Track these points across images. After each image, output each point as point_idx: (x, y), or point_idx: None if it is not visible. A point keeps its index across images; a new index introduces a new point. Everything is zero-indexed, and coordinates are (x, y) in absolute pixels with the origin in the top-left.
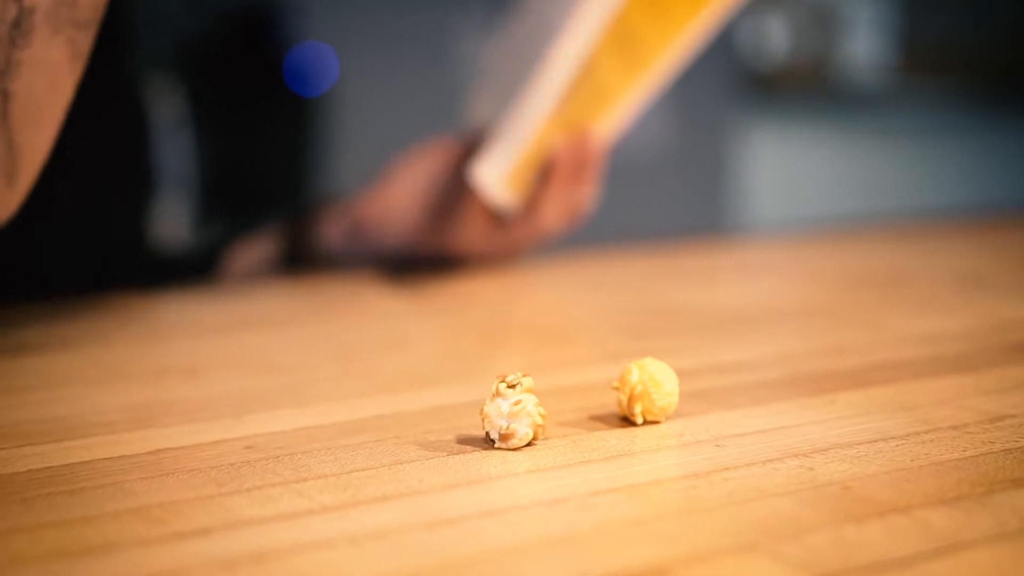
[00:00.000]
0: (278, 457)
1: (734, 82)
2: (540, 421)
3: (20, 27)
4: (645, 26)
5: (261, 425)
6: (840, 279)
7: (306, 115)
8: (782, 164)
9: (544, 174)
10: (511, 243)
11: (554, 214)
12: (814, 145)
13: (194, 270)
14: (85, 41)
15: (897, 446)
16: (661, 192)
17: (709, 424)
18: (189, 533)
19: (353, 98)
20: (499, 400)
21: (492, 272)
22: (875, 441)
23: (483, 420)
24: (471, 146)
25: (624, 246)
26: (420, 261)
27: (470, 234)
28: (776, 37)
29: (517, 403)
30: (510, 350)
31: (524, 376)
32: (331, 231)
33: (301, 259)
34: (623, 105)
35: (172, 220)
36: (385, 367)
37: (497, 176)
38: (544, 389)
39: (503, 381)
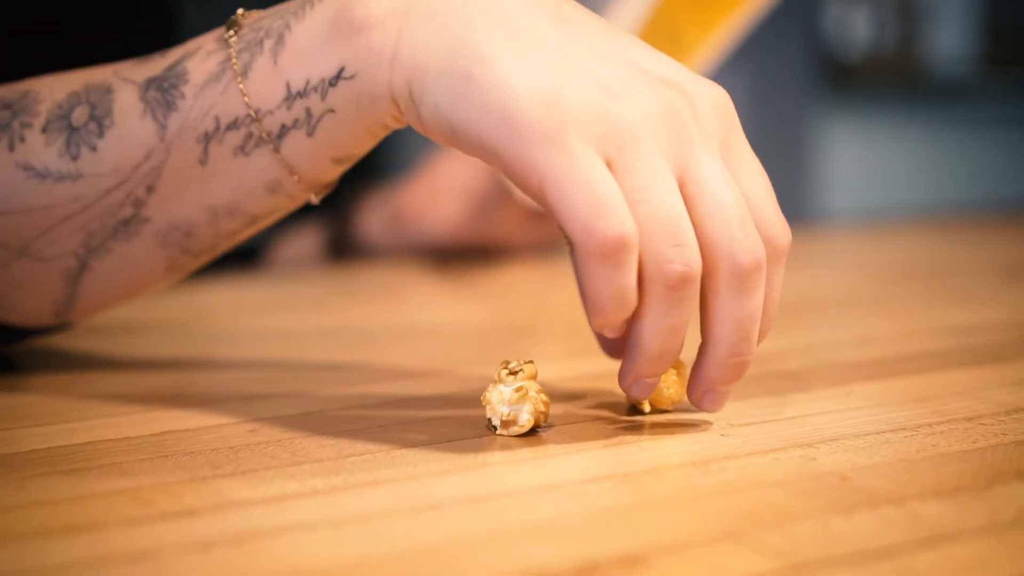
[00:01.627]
0: (279, 441)
1: (816, 72)
2: (542, 408)
3: (127, 227)
4: (687, 20)
5: (269, 409)
6: (884, 270)
7: None
8: (864, 155)
9: None
10: (549, 234)
11: None
12: (897, 136)
13: (241, 257)
14: (190, 264)
15: (906, 437)
16: None
17: (719, 413)
18: (173, 514)
19: None
20: (501, 387)
21: (530, 261)
22: (883, 432)
23: (485, 407)
24: None
25: None
26: (458, 250)
27: (508, 226)
28: (859, 27)
29: (519, 390)
30: (533, 338)
31: (527, 363)
32: (372, 221)
33: (343, 248)
34: None
35: None
36: (405, 354)
37: None
38: (560, 377)
39: (505, 368)
